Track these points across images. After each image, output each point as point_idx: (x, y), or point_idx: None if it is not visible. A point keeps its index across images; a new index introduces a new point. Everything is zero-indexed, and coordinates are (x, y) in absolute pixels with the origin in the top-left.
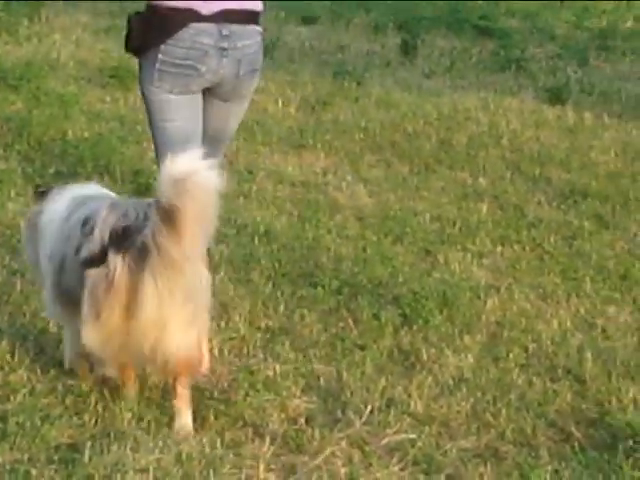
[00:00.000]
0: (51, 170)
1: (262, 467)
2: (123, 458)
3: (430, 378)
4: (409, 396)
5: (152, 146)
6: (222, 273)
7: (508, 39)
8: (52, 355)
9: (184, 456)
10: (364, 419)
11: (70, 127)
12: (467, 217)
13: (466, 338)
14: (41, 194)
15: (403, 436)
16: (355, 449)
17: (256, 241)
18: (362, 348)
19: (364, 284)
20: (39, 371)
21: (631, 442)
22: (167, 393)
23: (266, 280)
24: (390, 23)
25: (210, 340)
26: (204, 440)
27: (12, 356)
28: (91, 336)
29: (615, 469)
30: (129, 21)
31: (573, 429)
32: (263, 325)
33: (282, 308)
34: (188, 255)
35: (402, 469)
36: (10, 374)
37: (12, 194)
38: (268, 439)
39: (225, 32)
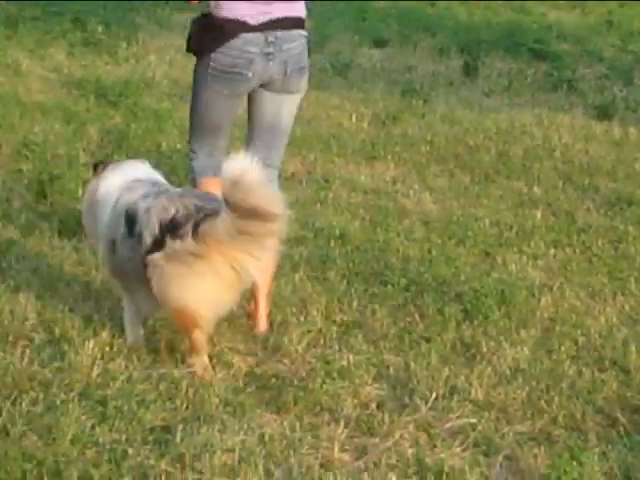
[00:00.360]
0: None
1: (337, 448)
2: (211, 439)
3: (489, 368)
4: (470, 384)
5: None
6: (301, 272)
7: (560, 61)
8: (147, 345)
9: (267, 438)
10: (429, 405)
11: (164, 140)
12: (523, 222)
13: (522, 332)
14: (98, 167)
15: (465, 421)
16: (421, 432)
17: (332, 243)
18: (427, 340)
19: (429, 282)
20: (135, 360)
21: None
22: (252, 381)
23: (341, 278)
24: (453, 46)
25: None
26: (285, 423)
27: (111, 347)
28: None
29: None
30: (191, 24)
31: (619, 415)
32: (338, 319)
33: (355, 304)
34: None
35: (464, 450)
36: (109, 362)
37: None
38: (342, 423)
39: (271, 39)
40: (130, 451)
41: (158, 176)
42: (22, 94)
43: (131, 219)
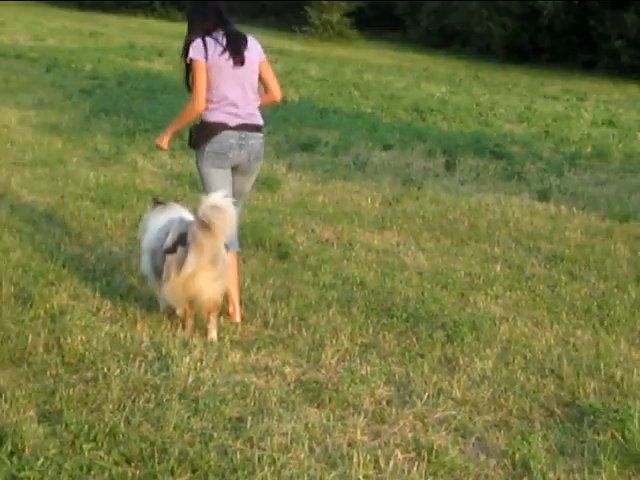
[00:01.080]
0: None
1: (359, 432)
2: (271, 426)
3: (465, 376)
4: (451, 387)
5: (290, 227)
6: (333, 308)
7: (512, 159)
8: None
9: (309, 425)
10: (423, 402)
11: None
12: (487, 273)
13: (487, 350)
14: (154, 203)
15: (448, 413)
16: (418, 421)
17: (354, 288)
18: (422, 356)
19: (423, 315)
20: (218, 370)
21: (592, 417)
22: (300, 385)
23: (361, 313)
24: (438, 149)
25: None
26: (322, 415)
27: (201, 361)
28: (165, 291)
29: (582, 434)
30: (190, 130)
31: (555, 409)
32: (359, 342)
33: (371, 330)
34: (214, 244)
35: (447, 434)
36: (200, 372)
37: None
38: (362, 414)
39: (242, 135)
40: (214, 435)
41: (186, 213)
42: (138, 184)
43: (166, 235)
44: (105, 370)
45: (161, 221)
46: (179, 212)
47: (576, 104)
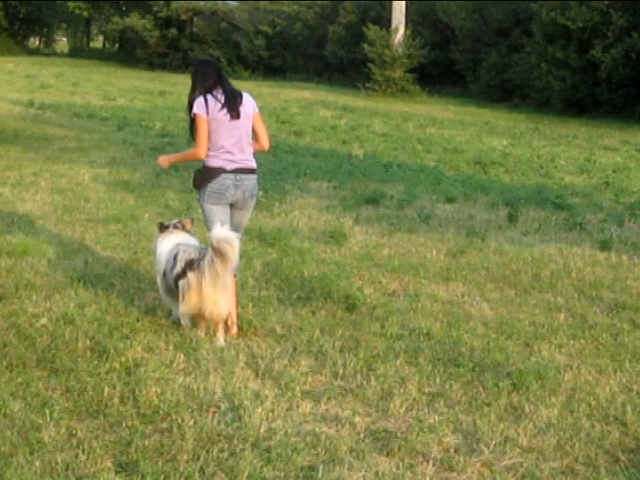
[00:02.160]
0: (294, 295)
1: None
2: (342, 475)
3: (531, 424)
4: (518, 435)
5: (357, 279)
6: (401, 358)
7: (573, 210)
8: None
9: (380, 473)
10: (490, 449)
11: (306, 269)
12: (551, 322)
13: (552, 398)
14: (161, 227)
15: (515, 460)
16: (485, 469)
17: (421, 338)
18: (488, 405)
19: (488, 364)
20: (289, 420)
21: None
22: (369, 434)
23: (428, 362)
24: (500, 201)
25: (238, 315)
26: (392, 463)
27: (272, 411)
28: (183, 309)
29: None
30: (194, 173)
31: (620, 455)
32: (426, 391)
33: (438, 380)
34: (226, 270)
35: None
36: (272, 422)
37: (272, 311)
38: (431, 462)
39: (238, 177)
40: None
41: (193, 240)
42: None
43: (174, 259)
44: (179, 421)
45: (168, 245)
46: (183, 237)
47: (635, 155)
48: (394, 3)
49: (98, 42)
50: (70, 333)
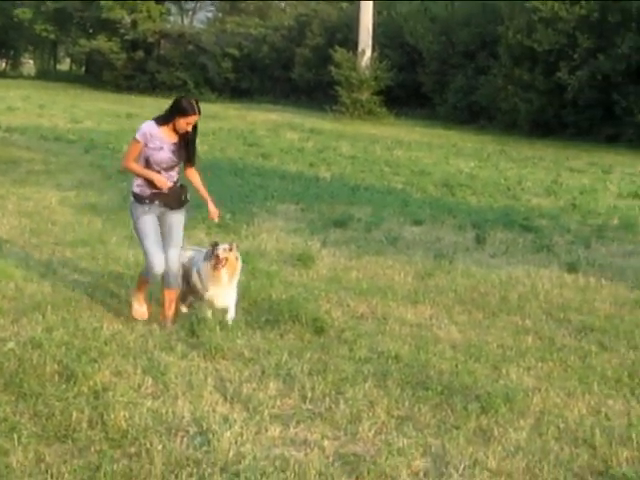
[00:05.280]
0: (262, 318)
1: None
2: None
3: (499, 447)
4: (487, 458)
5: (325, 302)
6: (369, 382)
7: (541, 232)
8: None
9: None
10: (460, 473)
11: (274, 292)
12: (519, 345)
13: (521, 421)
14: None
15: None
16: None
17: (389, 362)
18: (457, 428)
19: (457, 388)
20: (259, 444)
21: None
22: (338, 458)
23: (396, 386)
24: (468, 223)
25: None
26: None
27: (242, 435)
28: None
29: None
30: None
31: (589, 478)
32: (395, 414)
33: (407, 403)
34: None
35: None
36: (241, 446)
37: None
38: None
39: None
40: None
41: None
42: None
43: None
44: (148, 445)
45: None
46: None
47: (602, 177)
48: (361, 25)
49: (65, 64)
50: (38, 357)
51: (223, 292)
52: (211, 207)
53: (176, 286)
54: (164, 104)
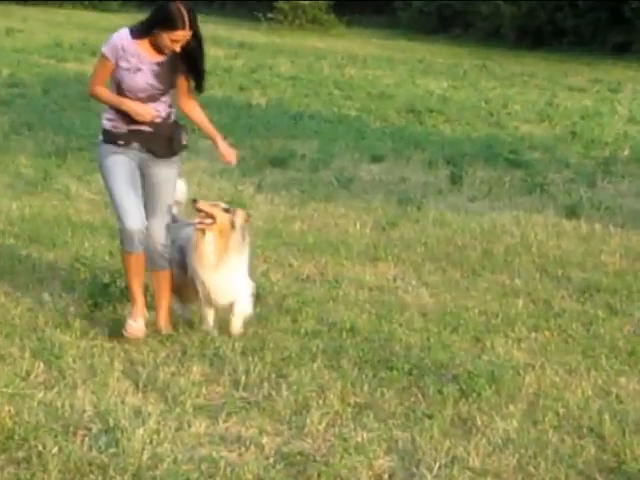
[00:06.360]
0: None
1: None
2: None
3: (484, 439)
4: (468, 454)
5: (261, 262)
6: (318, 361)
7: (532, 168)
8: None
9: None
10: (434, 473)
11: None
12: (507, 311)
13: (510, 406)
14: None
15: None
16: None
17: (344, 335)
18: (430, 417)
19: (429, 366)
20: (180, 444)
21: None
22: (281, 458)
23: (353, 366)
24: (440, 159)
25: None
26: None
27: (158, 433)
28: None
29: None
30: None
31: (597, 476)
32: (352, 402)
33: (366, 387)
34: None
35: None
36: (157, 447)
37: None
38: None
39: None
40: None
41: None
42: (72, 215)
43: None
44: (40, 448)
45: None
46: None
47: (608, 97)
48: None
49: None
50: None
51: (215, 277)
52: (222, 146)
53: (165, 266)
54: (53, 16)
